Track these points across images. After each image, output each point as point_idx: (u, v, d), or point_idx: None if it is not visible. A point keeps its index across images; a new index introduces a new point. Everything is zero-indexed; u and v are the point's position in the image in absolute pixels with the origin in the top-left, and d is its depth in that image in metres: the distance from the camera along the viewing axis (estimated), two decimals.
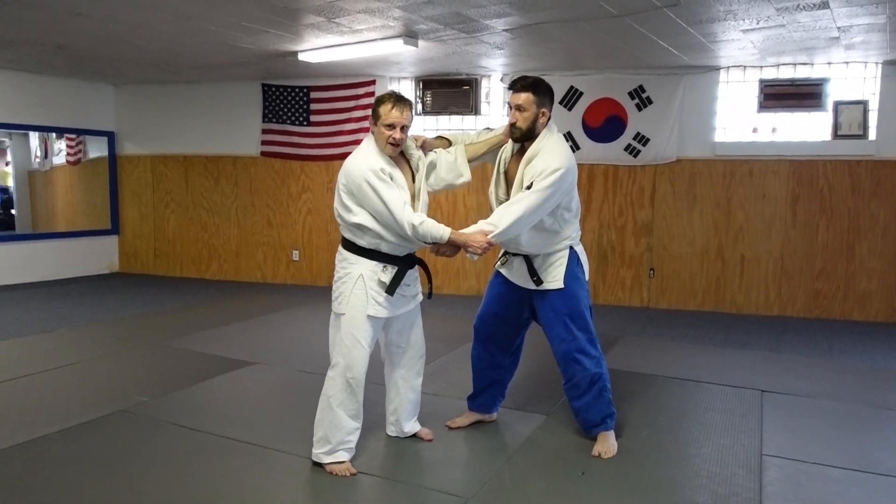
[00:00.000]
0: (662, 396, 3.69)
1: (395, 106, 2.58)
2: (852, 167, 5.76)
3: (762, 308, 6.08)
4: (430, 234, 2.53)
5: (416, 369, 2.92)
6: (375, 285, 2.62)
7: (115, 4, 4.29)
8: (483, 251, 2.58)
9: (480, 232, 2.59)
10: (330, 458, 2.68)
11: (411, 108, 2.64)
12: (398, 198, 2.52)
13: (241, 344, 4.69)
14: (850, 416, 3.42)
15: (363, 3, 4.15)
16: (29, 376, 3.86)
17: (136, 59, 6.24)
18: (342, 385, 2.65)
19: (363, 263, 2.63)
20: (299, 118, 7.34)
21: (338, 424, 2.66)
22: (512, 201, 2.66)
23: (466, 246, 2.58)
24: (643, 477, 2.69)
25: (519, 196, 2.65)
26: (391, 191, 2.52)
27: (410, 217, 2.51)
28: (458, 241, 2.57)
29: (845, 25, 4.42)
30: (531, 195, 2.60)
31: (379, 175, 2.52)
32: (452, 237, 2.56)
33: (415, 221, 2.51)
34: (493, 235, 2.59)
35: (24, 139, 8.16)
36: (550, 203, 2.66)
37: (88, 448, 2.89)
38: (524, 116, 2.72)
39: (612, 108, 6.30)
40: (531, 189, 2.61)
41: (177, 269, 7.99)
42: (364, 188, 2.52)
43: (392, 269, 2.64)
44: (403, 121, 2.58)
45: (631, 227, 6.43)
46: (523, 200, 2.61)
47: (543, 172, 2.61)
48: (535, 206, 2.61)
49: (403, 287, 2.69)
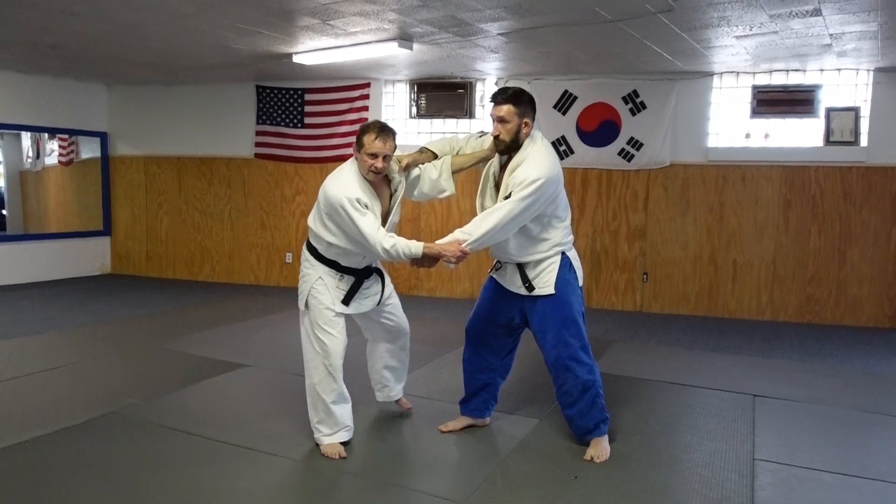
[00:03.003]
0: (655, 401, 3.70)
1: (379, 136, 2.67)
2: (844, 173, 5.80)
3: (754, 313, 6.11)
4: (402, 252, 2.66)
5: (401, 344, 3.17)
6: (335, 290, 2.85)
7: (108, 4, 4.27)
8: (458, 260, 2.66)
9: (455, 241, 2.67)
10: (329, 439, 2.86)
11: (394, 137, 2.74)
12: (371, 225, 2.65)
13: (233, 346, 4.67)
14: (842, 420, 3.43)
15: (358, 6, 4.15)
16: (19, 378, 3.83)
17: (129, 60, 6.21)
18: (324, 373, 2.84)
19: (322, 269, 2.86)
20: (293, 120, 7.33)
21: (330, 411, 2.84)
22: (489, 210, 2.70)
23: (441, 256, 2.66)
24: (635, 481, 2.69)
25: (497, 206, 2.68)
26: (365, 218, 2.66)
27: (382, 241, 2.64)
28: (432, 252, 2.68)
29: (837, 32, 4.45)
30: (508, 205, 2.63)
31: (354, 205, 2.65)
32: (426, 251, 2.66)
33: (386, 245, 2.63)
34: (467, 244, 2.65)
35: (16, 139, 8.11)
36: (529, 212, 2.67)
37: (79, 450, 2.86)
38: (507, 128, 2.74)
39: (607, 113, 6.33)
40: (509, 198, 2.64)
41: (169, 270, 7.95)
42: (341, 214, 2.68)
43: (349, 279, 2.84)
44: (386, 150, 2.69)
45: (624, 231, 6.45)
46: (500, 210, 2.65)
47: (523, 182, 2.63)
48: (512, 216, 2.63)
49: (363, 291, 2.89)
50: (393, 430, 3.19)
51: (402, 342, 3.19)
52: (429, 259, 2.68)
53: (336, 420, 2.86)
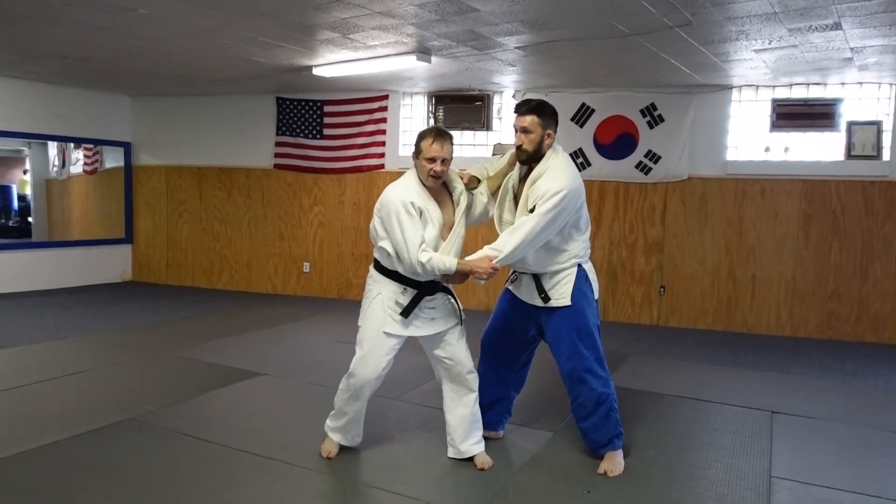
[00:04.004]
0: (671, 416, 3.66)
1: (436, 140, 2.69)
2: (866, 188, 5.72)
3: (774, 328, 6.03)
4: (437, 268, 2.65)
5: (467, 385, 2.88)
6: (394, 304, 2.76)
7: (135, 20, 4.38)
8: (488, 276, 2.67)
9: (485, 258, 2.68)
10: (332, 434, 2.96)
11: (451, 141, 2.74)
12: (416, 236, 2.64)
13: (250, 355, 4.71)
14: (862, 439, 3.37)
15: (377, 20, 4.21)
16: (40, 383, 3.90)
17: (153, 72, 6.35)
18: (345, 386, 2.87)
19: (385, 284, 2.79)
20: (313, 132, 7.42)
21: (344, 412, 2.90)
22: (516, 226, 2.70)
23: (472, 272, 2.67)
24: (649, 497, 2.66)
25: (522, 220, 2.68)
26: (414, 228, 2.64)
27: (419, 256, 2.63)
28: (464, 269, 2.67)
29: (858, 46, 4.41)
30: (534, 219, 2.64)
31: (408, 209, 2.65)
32: (459, 267, 2.66)
33: (423, 259, 2.63)
34: (497, 260, 2.67)
35: (43, 148, 8.31)
36: (555, 225, 2.68)
37: (96, 455, 2.91)
38: (530, 139, 2.75)
39: (624, 126, 6.32)
40: (534, 212, 2.65)
41: (188, 278, 8.06)
42: (392, 218, 2.66)
43: (411, 292, 2.76)
44: (444, 154, 2.68)
45: (641, 244, 6.41)
46: (526, 224, 2.65)
47: (546, 195, 2.64)
48: (539, 230, 2.65)
49: (426, 310, 2.78)
50: (406, 442, 3.19)
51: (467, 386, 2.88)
52: (460, 275, 2.70)
53: (343, 424, 2.92)
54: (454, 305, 2.85)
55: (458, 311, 2.86)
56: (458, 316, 2.86)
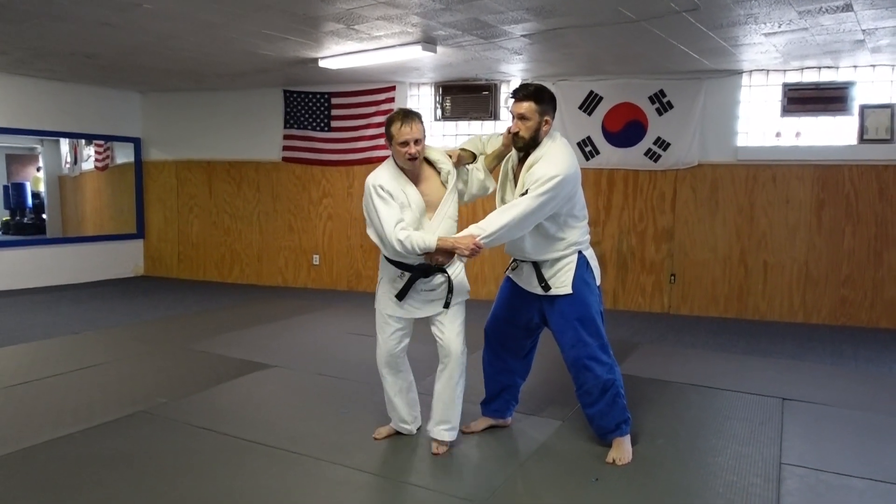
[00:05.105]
0: (681, 404, 3.65)
1: (404, 123, 2.68)
2: (879, 172, 5.64)
3: (786, 315, 5.98)
4: (416, 245, 2.64)
5: (449, 370, 2.87)
6: (391, 288, 2.84)
7: (142, 16, 4.40)
8: (471, 253, 2.64)
9: (469, 235, 2.66)
10: (392, 423, 3.09)
11: (420, 119, 2.72)
12: (390, 216, 2.66)
13: (261, 347, 4.75)
14: (875, 426, 3.34)
15: (381, 10, 4.19)
16: (55, 376, 3.96)
17: (162, 68, 6.38)
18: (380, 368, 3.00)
19: (386, 269, 2.87)
20: (320, 124, 7.43)
21: (389, 398, 3.03)
22: (505, 206, 2.68)
23: (455, 249, 2.66)
24: (658, 485, 2.66)
25: (513, 202, 2.66)
26: (387, 208, 2.67)
27: (397, 234, 2.64)
28: (446, 246, 2.65)
29: (871, 28, 4.34)
30: (524, 201, 2.61)
31: (377, 191, 2.68)
32: (440, 244, 2.65)
33: (401, 237, 2.63)
34: (481, 238, 2.63)
35: (55, 145, 8.41)
36: (545, 210, 2.64)
37: (110, 447, 2.95)
38: (527, 126, 2.71)
39: (632, 113, 6.27)
40: (525, 195, 2.62)
41: (200, 272, 8.12)
42: (367, 203, 2.73)
43: (406, 276, 2.79)
44: (415, 135, 2.67)
45: (651, 232, 6.37)
46: (516, 206, 2.63)
47: (540, 179, 2.61)
48: (528, 212, 2.61)
49: (422, 293, 2.81)
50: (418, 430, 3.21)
51: (447, 365, 2.86)
52: (443, 253, 2.66)
53: (393, 407, 3.03)
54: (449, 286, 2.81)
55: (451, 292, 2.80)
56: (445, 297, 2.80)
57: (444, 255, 2.68)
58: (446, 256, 2.70)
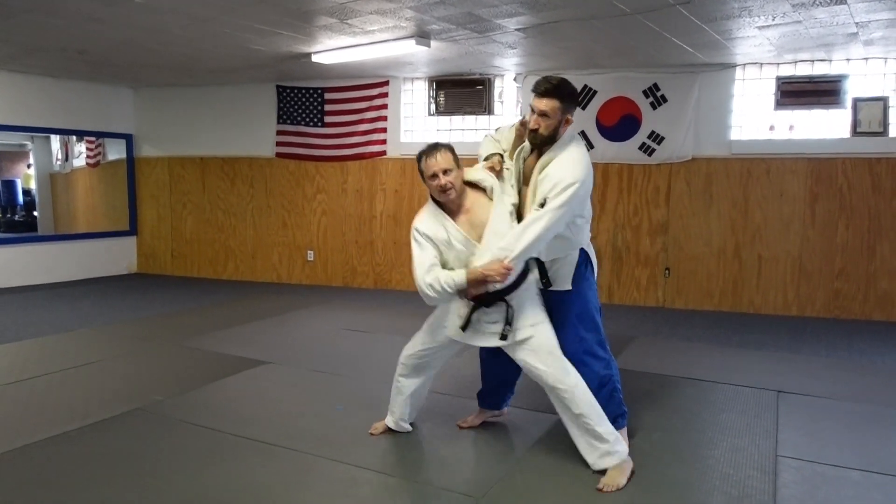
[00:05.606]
0: (676, 397, 3.66)
1: (428, 156, 2.63)
2: (872, 165, 5.66)
3: (780, 308, 6.00)
4: (446, 285, 2.56)
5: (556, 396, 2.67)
6: (457, 316, 2.75)
7: (131, 10, 4.36)
8: (503, 278, 2.54)
9: (496, 260, 2.53)
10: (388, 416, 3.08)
11: (447, 149, 2.65)
12: (424, 261, 2.62)
13: (257, 344, 4.73)
14: (869, 417, 3.36)
15: (374, 4, 4.17)
16: (49, 374, 3.93)
17: (153, 64, 6.33)
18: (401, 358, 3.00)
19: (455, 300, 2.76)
20: (314, 119, 7.39)
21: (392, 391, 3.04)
22: (526, 222, 2.56)
23: (485, 278, 2.54)
24: (655, 478, 2.67)
25: (534, 216, 2.55)
26: (420, 254, 2.64)
27: (426, 279, 2.59)
28: (476, 276, 2.54)
29: (864, 21, 4.35)
30: (545, 216, 2.51)
31: (414, 235, 2.67)
32: (469, 276, 2.55)
33: (429, 280, 2.59)
34: (509, 260, 2.53)
35: (46, 142, 8.33)
36: (566, 219, 2.58)
37: (106, 445, 2.94)
38: (547, 123, 2.58)
39: (627, 107, 6.27)
40: (545, 208, 2.52)
41: (194, 269, 8.09)
42: None
43: (470, 304, 2.69)
44: (442, 165, 2.60)
45: (646, 226, 6.38)
46: (538, 221, 2.52)
47: (557, 186, 2.51)
48: (550, 226, 2.53)
49: (485, 324, 2.70)
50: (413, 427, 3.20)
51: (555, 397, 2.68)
52: (475, 284, 2.55)
53: (398, 405, 3.02)
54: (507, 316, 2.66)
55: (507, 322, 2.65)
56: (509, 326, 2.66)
57: (476, 286, 2.57)
58: (480, 287, 2.57)
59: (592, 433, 2.62)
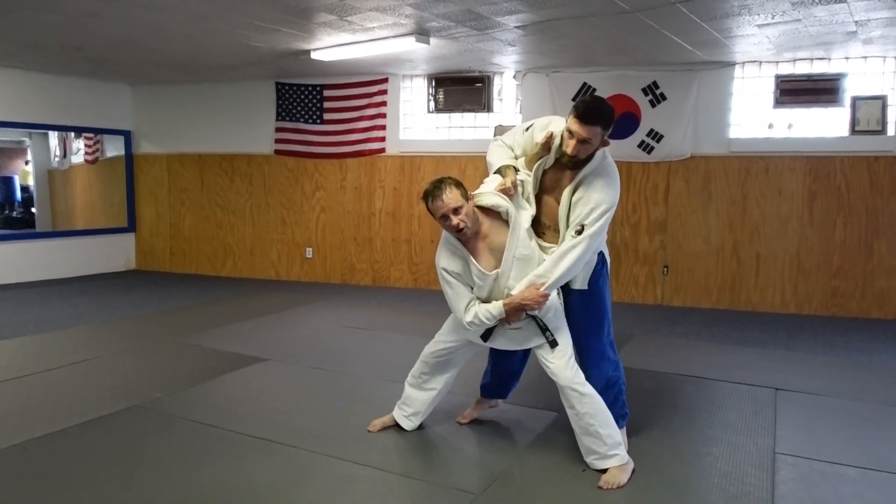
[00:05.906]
0: (675, 395, 3.67)
1: (434, 198, 2.55)
2: (871, 163, 5.67)
3: (778, 306, 6.02)
4: (486, 319, 2.60)
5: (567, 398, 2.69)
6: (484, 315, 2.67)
7: (130, 7, 4.35)
8: (539, 306, 2.55)
9: (532, 286, 2.54)
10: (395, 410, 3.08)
11: (452, 184, 2.56)
12: (460, 300, 2.66)
13: (255, 341, 4.73)
14: (867, 415, 3.37)
15: (374, 1, 4.16)
16: (48, 371, 3.93)
17: (152, 60, 6.32)
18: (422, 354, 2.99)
19: None
20: (313, 116, 7.38)
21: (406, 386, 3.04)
22: (563, 250, 2.54)
23: (523, 307, 2.55)
24: (653, 476, 2.67)
25: (570, 244, 2.53)
26: (455, 293, 2.67)
27: (466, 318, 2.64)
28: (514, 305, 2.55)
29: (863, 19, 4.35)
30: (582, 243, 2.51)
31: (443, 275, 2.69)
32: (506, 307, 2.56)
33: (469, 318, 2.63)
34: (545, 287, 2.54)
35: (44, 139, 8.30)
36: (599, 241, 2.62)
37: (104, 443, 2.93)
38: (586, 148, 2.50)
39: (626, 105, 6.27)
40: (582, 235, 2.51)
41: (192, 266, 8.08)
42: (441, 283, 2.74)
43: None
44: (451, 203, 2.53)
45: (645, 224, 6.39)
46: (574, 249, 2.52)
47: (595, 211, 2.51)
48: (586, 252, 2.55)
49: (509, 331, 2.70)
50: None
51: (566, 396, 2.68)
52: (513, 313, 2.56)
53: (414, 399, 3.01)
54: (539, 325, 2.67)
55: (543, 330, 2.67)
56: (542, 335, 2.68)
57: (515, 314, 2.57)
58: (518, 314, 2.57)
59: (596, 435, 2.63)
